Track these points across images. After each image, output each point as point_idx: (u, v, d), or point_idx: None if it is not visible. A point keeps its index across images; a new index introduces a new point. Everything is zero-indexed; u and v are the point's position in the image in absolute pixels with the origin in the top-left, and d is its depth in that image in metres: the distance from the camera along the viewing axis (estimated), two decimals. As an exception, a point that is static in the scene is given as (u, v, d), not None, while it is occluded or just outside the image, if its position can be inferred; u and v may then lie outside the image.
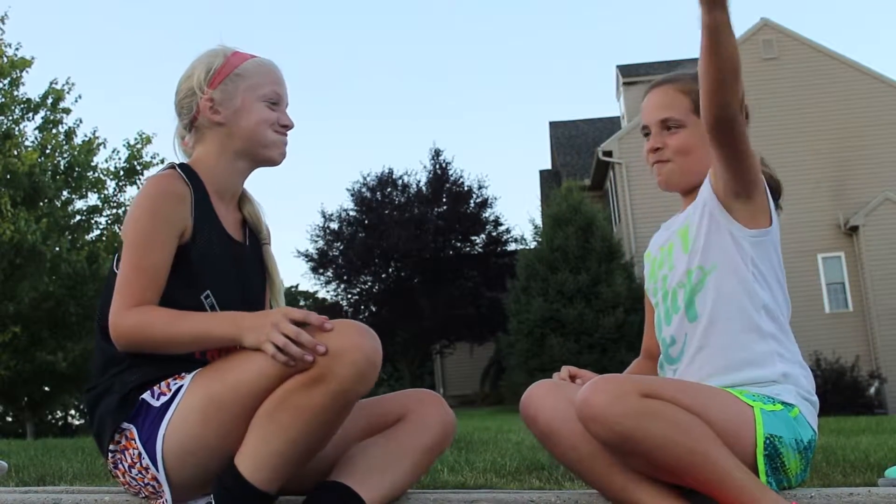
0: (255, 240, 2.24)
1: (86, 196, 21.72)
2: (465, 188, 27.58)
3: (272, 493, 1.86)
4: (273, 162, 2.16)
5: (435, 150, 27.86)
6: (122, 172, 21.94)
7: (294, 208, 57.46)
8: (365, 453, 2.01)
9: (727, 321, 2.03)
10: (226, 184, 2.15)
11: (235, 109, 2.11)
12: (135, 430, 1.95)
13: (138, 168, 22.02)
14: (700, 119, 2.15)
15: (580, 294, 19.50)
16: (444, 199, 27.38)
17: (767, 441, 1.90)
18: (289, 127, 2.17)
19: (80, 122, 21.49)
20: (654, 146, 2.21)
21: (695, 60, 2.31)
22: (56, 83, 21.05)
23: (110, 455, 2.01)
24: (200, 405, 1.89)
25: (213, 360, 1.99)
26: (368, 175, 27.55)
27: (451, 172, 27.70)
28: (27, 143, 20.38)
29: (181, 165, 2.13)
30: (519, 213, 67.71)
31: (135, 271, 1.95)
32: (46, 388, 22.70)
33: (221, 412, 1.87)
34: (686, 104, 2.19)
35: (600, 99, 68.95)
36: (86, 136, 21.43)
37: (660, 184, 2.24)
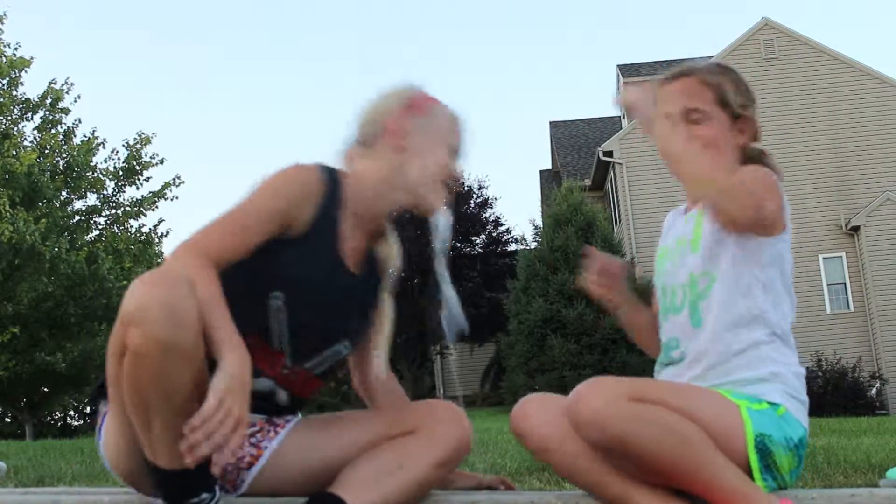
0: (375, 278, 2.15)
1: (85, 196, 21.75)
2: (465, 188, 27.58)
3: (179, 466, 1.70)
4: (431, 208, 2.07)
5: (435, 151, 27.87)
6: (121, 173, 21.96)
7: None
8: (368, 463, 1.94)
9: (726, 329, 2.01)
10: (370, 208, 2.06)
11: (420, 144, 2.06)
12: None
13: (137, 168, 22.02)
14: (723, 111, 2.09)
15: (581, 294, 19.44)
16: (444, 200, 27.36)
17: (758, 439, 1.90)
18: (457, 180, 2.12)
19: (79, 122, 21.56)
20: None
21: (695, 60, 2.28)
22: (55, 83, 21.09)
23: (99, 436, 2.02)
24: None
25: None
26: (368, 175, 27.55)
27: (451, 172, 27.70)
28: (26, 143, 20.41)
29: (330, 168, 2.05)
30: (519, 213, 67.76)
31: (225, 228, 1.87)
32: (45, 389, 22.72)
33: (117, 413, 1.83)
34: (710, 96, 2.09)
35: (600, 99, 68.95)
36: (85, 136, 21.47)
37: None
